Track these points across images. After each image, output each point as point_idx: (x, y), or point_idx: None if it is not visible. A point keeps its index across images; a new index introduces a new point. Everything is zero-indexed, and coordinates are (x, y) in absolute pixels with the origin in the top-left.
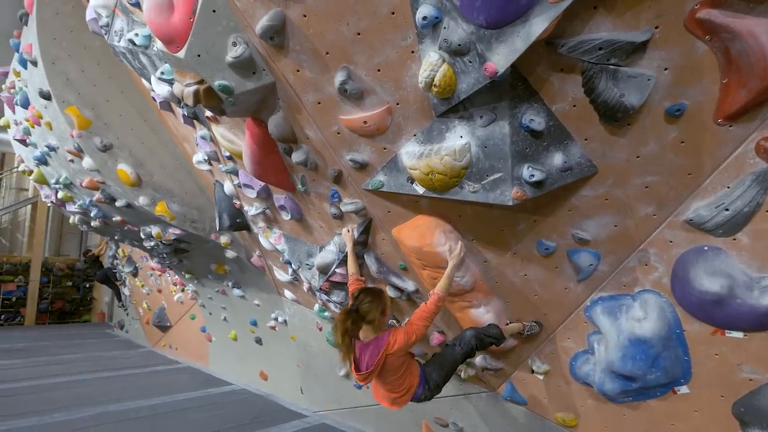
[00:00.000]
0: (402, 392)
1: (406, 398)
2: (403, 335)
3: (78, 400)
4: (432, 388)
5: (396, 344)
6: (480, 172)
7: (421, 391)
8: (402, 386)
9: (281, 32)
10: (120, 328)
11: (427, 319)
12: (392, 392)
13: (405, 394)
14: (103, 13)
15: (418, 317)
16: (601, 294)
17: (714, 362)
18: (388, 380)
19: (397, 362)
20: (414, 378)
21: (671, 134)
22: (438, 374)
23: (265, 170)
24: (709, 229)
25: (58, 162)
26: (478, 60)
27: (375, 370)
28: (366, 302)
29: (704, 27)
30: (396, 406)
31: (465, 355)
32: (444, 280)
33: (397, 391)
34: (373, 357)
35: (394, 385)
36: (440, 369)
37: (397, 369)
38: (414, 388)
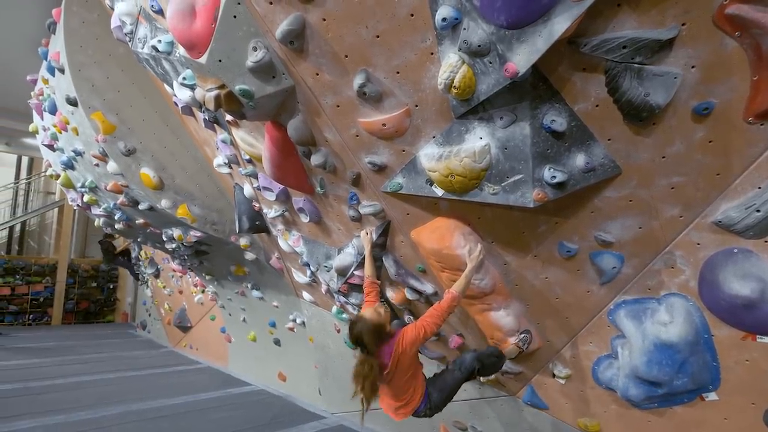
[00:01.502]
0: (405, 401)
1: (408, 409)
2: (412, 332)
3: (102, 398)
4: (432, 408)
5: (405, 341)
6: (500, 173)
7: (422, 408)
8: (406, 394)
9: (301, 36)
10: (142, 329)
11: (439, 317)
12: (396, 400)
13: (407, 404)
14: (128, 21)
15: (430, 314)
16: (625, 297)
17: (744, 368)
18: (396, 384)
19: (407, 362)
20: (419, 389)
21: (699, 133)
22: (438, 396)
23: (284, 173)
24: (738, 231)
25: (84, 166)
26: (498, 61)
27: (392, 370)
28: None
29: (734, 23)
30: (398, 416)
31: (465, 378)
32: (461, 280)
33: (401, 399)
34: (387, 357)
35: (399, 391)
36: (441, 392)
37: (405, 370)
38: (417, 400)
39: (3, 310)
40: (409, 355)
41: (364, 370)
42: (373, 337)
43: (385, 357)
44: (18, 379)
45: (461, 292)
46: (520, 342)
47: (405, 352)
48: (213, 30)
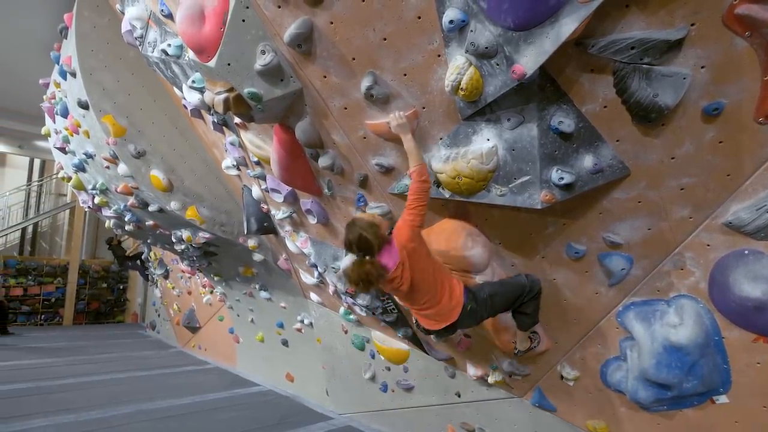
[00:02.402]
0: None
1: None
2: (404, 228)
3: (113, 398)
4: (480, 302)
5: (403, 239)
6: (507, 175)
7: (466, 300)
8: (441, 291)
9: (308, 39)
10: (152, 329)
11: (418, 199)
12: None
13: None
14: (138, 25)
15: (409, 201)
16: (634, 299)
17: (756, 371)
18: (424, 286)
19: (420, 259)
20: (454, 283)
21: (708, 134)
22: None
23: (292, 175)
24: (749, 232)
25: (95, 169)
26: (505, 62)
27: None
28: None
29: (744, 23)
30: (446, 317)
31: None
32: (410, 155)
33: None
34: (393, 258)
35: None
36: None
37: (424, 269)
38: (459, 293)
39: (15, 310)
40: (418, 251)
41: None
42: (374, 234)
43: (389, 262)
44: (30, 378)
45: (418, 162)
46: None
47: (410, 249)
48: (222, 34)
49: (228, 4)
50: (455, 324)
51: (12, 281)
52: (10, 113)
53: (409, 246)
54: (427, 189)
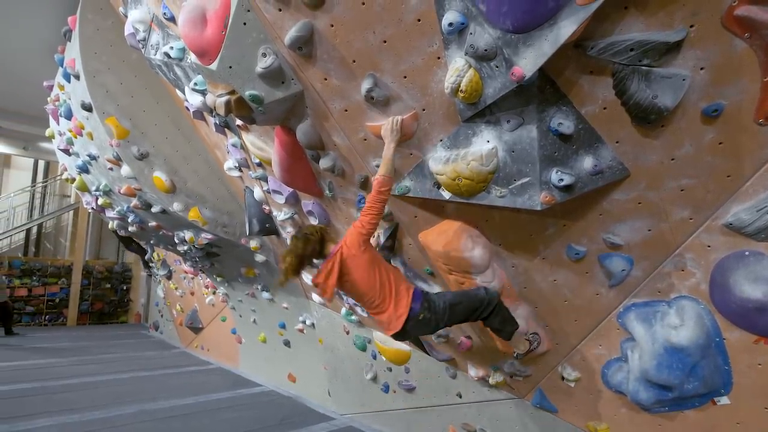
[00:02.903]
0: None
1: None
2: (351, 233)
3: (116, 398)
4: (434, 310)
5: (347, 240)
6: (507, 176)
7: (418, 308)
8: (391, 297)
9: (309, 42)
10: (155, 329)
11: (372, 208)
12: (385, 311)
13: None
14: (141, 28)
15: (365, 208)
16: (635, 300)
17: (757, 372)
18: (370, 291)
19: (363, 263)
20: (401, 291)
21: (708, 135)
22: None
23: (293, 176)
24: (750, 234)
25: (99, 170)
26: (504, 65)
27: (327, 269)
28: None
29: (743, 24)
30: (393, 324)
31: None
32: (383, 162)
33: (388, 307)
34: (327, 262)
35: (381, 299)
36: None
37: (367, 272)
38: (404, 305)
39: (20, 310)
40: (361, 254)
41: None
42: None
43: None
44: (34, 378)
45: (387, 173)
46: (530, 337)
47: (347, 255)
48: (223, 37)
49: (229, 8)
50: (404, 332)
51: (17, 282)
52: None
53: (347, 251)
54: (383, 200)
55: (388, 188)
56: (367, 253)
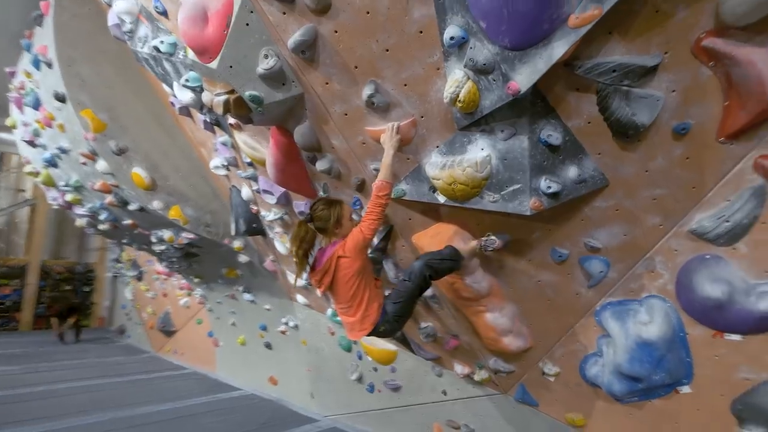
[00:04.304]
0: (359, 315)
1: (366, 325)
2: (353, 238)
3: (87, 406)
4: (390, 320)
5: (346, 246)
6: (500, 183)
7: (381, 321)
8: (358, 307)
9: (312, 46)
10: (121, 333)
11: (371, 213)
12: (349, 315)
13: (363, 319)
14: (127, 20)
15: (365, 215)
16: (610, 299)
17: (714, 363)
18: (341, 293)
19: (350, 272)
20: (374, 303)
21: (677, 150)
22: (393, 307)
23: (287, 177)
24: (711, 239)
25: (69, 164)
26: (501, 79)
27: (324, 269)
28: (319, 210)
29: (709, 54)
30: (354, 334)
31: (419, 287)
32: (382, 168)
33: (353, 314)
34: (322, 256)
35: (349, 303)
36: (394, 303)
37: (349, 281)
38: (374, 316)
39: None
40: (352, 262)
41: (300, 232)
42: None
43: (324, 256)
44: None
45: (384, 178)
46: (483, 243)
47: (346, 257)
48: (225, 36)
49: (232, 8)
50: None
51: None
52: None
53: (351, 254)
54: (383, 205)
55: (388, 193)
56: (359, 262)
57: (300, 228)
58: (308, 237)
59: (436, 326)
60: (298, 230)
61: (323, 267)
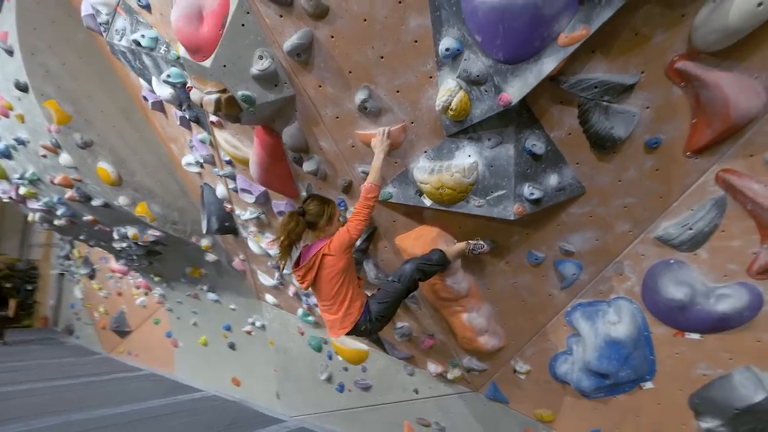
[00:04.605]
0: (341, 313)
1: (347, 323)
2: (339, 236)
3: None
4: (373, 320)
5: (332, 244)
6: (485, 188)
7: (363, 320)
8: (340, 305)
9: (308, 50)
10: (69, 334)
11: (358, 214)
12: (331, 312)
13: (345, 317)
14: (103, 11)
15: (352, 216)
16: (581, 300)
17: (675, 360)
18: (324, 290)
19: (334, 270)
20: (356, 302)
21: (648, 163)
22: (378, 306)
23: (271, 177)
24: (675, 245)
25: (26, 156)
26: (493, 90)
27: (308, 265)
28: (312, 206)
29: (681, 75)
30: (335, 332)
31: (407, 289)
32: (372, 171)
33: (336, 313)
34: (308, 252)
35: (331, 301)
36: (380, 303)
37: (333, 279)
38: (356, 314)
39: None
40: (337, 260)
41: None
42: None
43: (309, 252)
44: None
45: (373, 181)
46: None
47: (331, 255)
48: (220, 36)
49: (228, 8)
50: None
51: None
52: None
53: (335, 252)
54: (371, 207)
55: (376, 195)
56: (343, 261)
57: (290, 219)
58: (297, 230)
59: (413, 326)
60: (288, 221)
61: (307, 263)
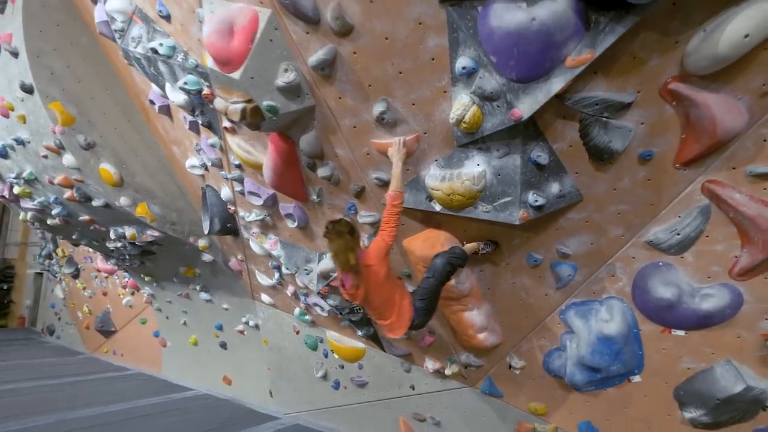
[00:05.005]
0: (396, 316)
1: (404, 320)
2: (374, 246)
3: (26, 408)
4: (422, 314)
5: (370, 255)
6: (493, 195)
7: (415, 316)
8: (394, 309)
9: (331, 65)
10: (49, 334)
11: (389, 221)
12: (386, 318)
13: (400, 317)
14: (119, 18)
15: (383, 224)
16: (575, 300)
17: (661, 355)
18: (376, 301)
19: (379, 278)
20: (404, 301)
21: (641, 173)
22: (421, 303)
23: (284, 181)
24: (663, 249)
25: (24, 156)
26: (506, 106)
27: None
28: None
29: (673, 95)
30: (395, 332)
31: (442, 282)
32: (393, 179)
33: (390, 316)
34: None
35: (384, 307)
36: (422, 300)
37: (381, 287)
38: (408, 312)
39: None
40: (379, 268)
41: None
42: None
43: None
44: None
45: (396, 188)
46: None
47: (373, 266)
48: (249, 50)
49: (258, 24)
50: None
51: None
52: None
53: (376, 262)
54: (398, 212)
55: (401, 201)
56: (384, 267)
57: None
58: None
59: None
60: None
61: (354, 279)
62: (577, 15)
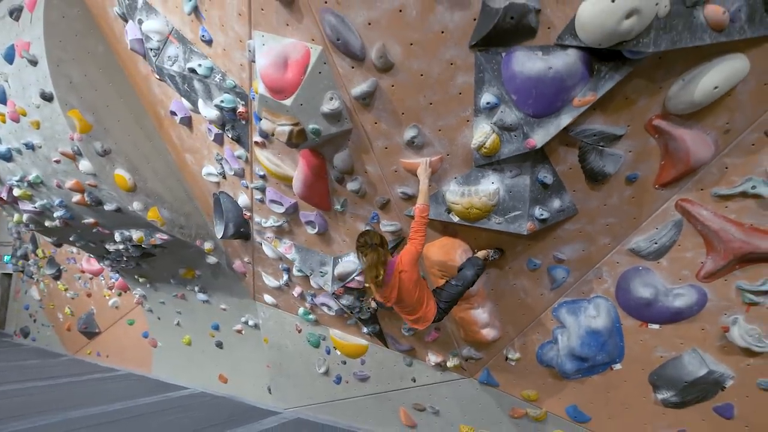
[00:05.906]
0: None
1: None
2: (407, 254)
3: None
4: (442, 313)
5: (404, 262)
6: (505, 209)
7: (438, 314)
8: (420, 309)
9: (371, 95)
10: (23, 336)
11: (418, 231)
12: (413, 314)
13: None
14: (155, 38)
15: (412, 235)
16: (566, 299)
17: (639, 346)
18: (407, 302)
19: (411, 282)
20: (430, 303)
21: (627, 192)
22: (445, 304)
23: (312, 192)
24: (643, 255)
25: (32, 160)
26: (522, 136)
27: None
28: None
29: (656, 129)
30: (421, 325)
31: (467, 288)
32: (420, 195)
33: (417, 312)
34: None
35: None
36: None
37: (412, 290)
38: (432, 312)
39: None
40: (411, 274)
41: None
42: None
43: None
44: None
45: (424, 202)
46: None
47: (406, 271)
48: (301, 80)
49: (309, 58)
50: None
51: None
52: None
53: (409, 268)
54: (426, 223)
55: (428, 213)
56: (415, 272)
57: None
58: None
59: None
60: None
61: (390, 285)
62: (584, 65)
